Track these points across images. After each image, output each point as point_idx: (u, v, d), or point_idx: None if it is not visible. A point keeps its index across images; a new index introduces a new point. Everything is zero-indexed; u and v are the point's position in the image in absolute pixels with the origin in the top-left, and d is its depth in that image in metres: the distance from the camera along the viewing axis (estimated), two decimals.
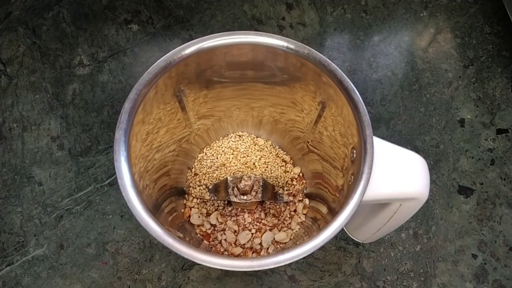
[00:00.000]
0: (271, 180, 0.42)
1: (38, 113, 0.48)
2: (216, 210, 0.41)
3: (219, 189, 0.40)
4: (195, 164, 0.43)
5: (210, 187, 0.41)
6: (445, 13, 0.56)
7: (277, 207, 0.41)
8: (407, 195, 0.29)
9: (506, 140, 0.49)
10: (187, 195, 0.42)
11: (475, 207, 0.46)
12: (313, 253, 0.25)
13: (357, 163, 0.28)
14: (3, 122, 0.48)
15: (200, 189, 0.42)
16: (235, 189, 0.38)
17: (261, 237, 0.40)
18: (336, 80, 0.30)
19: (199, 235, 0.40)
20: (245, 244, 0.39)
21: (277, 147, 0.44)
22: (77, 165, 0.46)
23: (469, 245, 0.44)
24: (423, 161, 0.30)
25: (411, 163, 0.29)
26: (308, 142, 0.40)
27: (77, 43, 0.52)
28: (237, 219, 0.40)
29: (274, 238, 0.40)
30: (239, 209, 0.41)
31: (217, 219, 0.40)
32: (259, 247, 0.39)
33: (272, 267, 0.25)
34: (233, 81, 0.36)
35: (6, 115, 0.48)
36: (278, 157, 0.43)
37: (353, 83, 0.29)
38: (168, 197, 0.37)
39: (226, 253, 0.39)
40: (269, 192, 0.40)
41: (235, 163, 0.43)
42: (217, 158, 0.43)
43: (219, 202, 0.41)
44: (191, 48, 0.30)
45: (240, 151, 0.43)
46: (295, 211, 0.41)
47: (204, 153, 0.43)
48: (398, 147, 0.30)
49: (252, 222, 0.40)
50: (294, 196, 0.42)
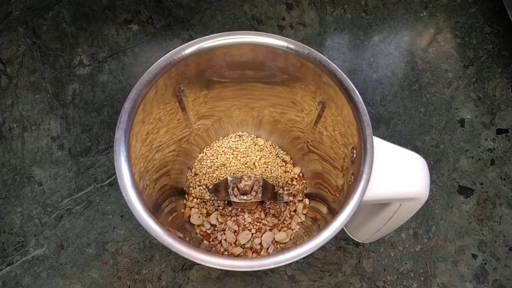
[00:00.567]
0: (271, 180, 0.42)
1: (38, 113, 0.48)
2: (216, 210, 0.41)
3: (219, 189, 0.40)
4: (195, 164, 0.43)
5: (210, 187, 0.41)
6: (445, 13, 0.56)
7: (277, 207, 0.41)
8: (407, 195, 0.29)
9: (506, 140, 0.49)
10: (187, 195, 0.42)
11: (475, 207, 0.46)
12: (313, 253, 0.25)
13: (357, 163, 0.28)
14: (3, 122, 0.48)
15: (200, 189, 0.42)
16: (235, 189, 0.38)
17: (261, 237, 0.40)
18: (336, 80, 0.30)
19: (199, 235, 0.40)
20: (245, 244, 0.39)
21: (277, 147, 0.44)
22: (77, 165, 0.46)
23: (469, 245, 0.44)
24: (423, 161, 0.30)
25: (411, 163, 0.29)
26: (308, 142, 0.40)
27: (77, 43, 0.52)
28: (237, 219, 0.40)
29: (274, 238, 0.40)
30: (239, 209, 0.41)
31: (217, 219, 0.40)
32: (259, 247, 0.39)
33: (272, 267, 0.25)
34: (233, 81, 0.36)
35: (6, 115, 0.48)
36: (278, 157, 0.43)
37: (353, 83, 0.29)
38: (168, 197, 0.37)
39: (226, 253, 0.39)
40: (269, 192, 0.40)
41: (235, 163, 0.43)
42: (217, 158, 0.43)
43: (219, 202, 0.41)
44: (191, 48, 0.30)
45: (240, 151, 0.43)
46: (295, 211, 0.41)
47: (204, 153, 0.43)
48: (398, 147, 0.30)
49: (252, 222, 0.40)
50: (294, 196, 0.42)
